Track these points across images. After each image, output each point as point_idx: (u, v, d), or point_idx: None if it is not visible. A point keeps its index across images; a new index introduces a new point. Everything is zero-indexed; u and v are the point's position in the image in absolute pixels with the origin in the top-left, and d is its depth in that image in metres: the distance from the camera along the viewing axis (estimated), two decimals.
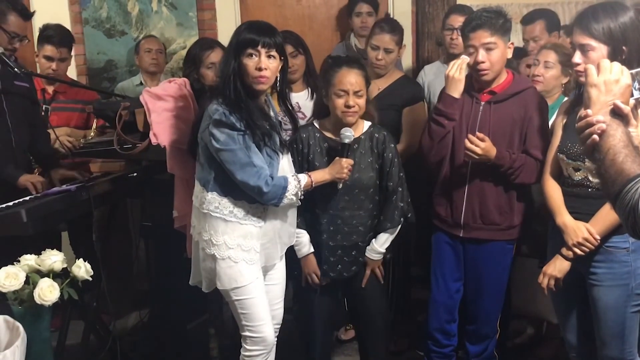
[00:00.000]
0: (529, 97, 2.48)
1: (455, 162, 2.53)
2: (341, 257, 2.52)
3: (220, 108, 2.16)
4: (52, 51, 3.33)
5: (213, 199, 2.23)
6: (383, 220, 2.54)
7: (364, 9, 3.79)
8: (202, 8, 4.19)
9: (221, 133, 2.15)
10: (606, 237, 2.10)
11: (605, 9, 2.01)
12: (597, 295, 2.14)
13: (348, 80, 2.39)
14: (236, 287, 2.26)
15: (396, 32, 3.04)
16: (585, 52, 2.02)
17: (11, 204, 2.42)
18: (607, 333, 2.14)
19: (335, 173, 2.37)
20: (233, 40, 2.21)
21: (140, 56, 3.86)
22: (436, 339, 2.73)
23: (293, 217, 2.42)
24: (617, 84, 1.40)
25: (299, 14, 4.31)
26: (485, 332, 2.69)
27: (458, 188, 2.54)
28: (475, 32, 2.39)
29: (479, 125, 2.47)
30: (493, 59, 2.40)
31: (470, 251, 2.61)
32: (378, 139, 2.51)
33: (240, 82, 2.18)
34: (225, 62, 2.21)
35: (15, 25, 2.73)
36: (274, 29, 2.23)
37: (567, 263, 2.17)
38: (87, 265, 2.00)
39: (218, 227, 2.23)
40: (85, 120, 3.43)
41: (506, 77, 2.50)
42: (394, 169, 2.51)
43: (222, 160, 2.17)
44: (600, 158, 1.35)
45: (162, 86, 2.70)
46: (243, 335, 2.33)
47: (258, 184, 2.15)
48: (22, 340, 1.67)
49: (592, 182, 2.10)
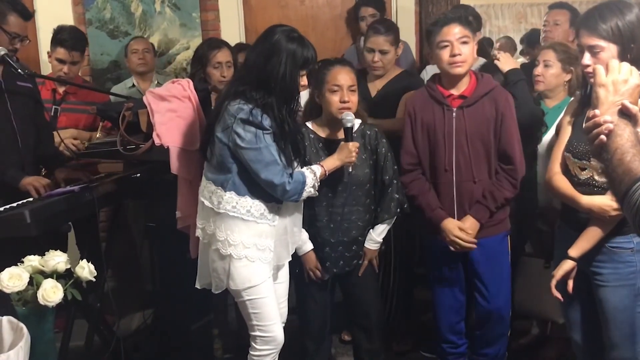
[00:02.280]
0: (497, 95, 2.51)
1: (439, 171, 2.55)
2: (342, 253, 2.55)
3: (246, 107, 2.17)
4: (64, 54, 3.34)
5: (231, 199, 2.24)
6: (380, 212, 2.58)
7: (369, 12, 3.85)
8: (205, 9, 4.19)
9: (247, 132, 2.16)
10: (610, 237, 2.08)
11: (610, 8, 1.98)
12: (604, 296, 2.13)
13: (342, 76, 2.44)
14: (250, 286, 2.27)
15: (390, 33, 3.05)
16: (594, 53, 1.99)
17: (15, 205, 2.42)
18: (617, 335, 2.12)
19: (345, 158, 2.40)
20: (299, 53, 2.20)
21: (128, 58, 3.89)
22: (450, 340, 2.73)
23: (300, 216, 2.44)
24: (626, 84, 1.40)
25: (302, 15, 4.31)
26: (499, 331, 2.68)
27: (446, 195, 2.56)
28: (448, 25, 2.43)
29: (455, 131, 2.49)
30: (467, 53, 2.44)
31: (467, 252, 2.59)
32: (370, 136, 2.56)
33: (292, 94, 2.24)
34: (283, 70, 2.17)
35: (15, 25, 2.73)
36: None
37: (569, 263, 2.14)
38: (90, 266, 2.00)
39: (235, 226, 2.24)
40: (93, 121, 3.44)
41: (471, 79, 2.53)
42: (388, 163, 2.56)
43: (247, 159, 2.19)
44: (608, 158, 1.34)
45: (165, 87, 2.70)
46: (253, 335, 2.34)
47: (282, 181, 2.19)
48: (25, 341, 1.67)
49: (598, 182, 2.09)
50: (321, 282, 2.59)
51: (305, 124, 2.57)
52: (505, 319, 2.68)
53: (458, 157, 2.50)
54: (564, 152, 2.21)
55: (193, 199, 2.54)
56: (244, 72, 2.30)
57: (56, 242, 2.46)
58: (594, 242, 2.10)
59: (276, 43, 2.19)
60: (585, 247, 2.11)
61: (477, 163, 2.50)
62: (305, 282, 2.60)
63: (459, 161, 2.50)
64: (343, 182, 2.49)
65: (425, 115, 2.56)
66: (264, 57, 2.20)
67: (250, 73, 2.23)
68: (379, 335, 2.74)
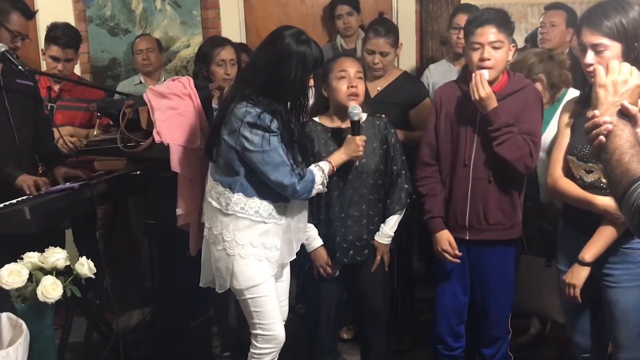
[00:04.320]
0: (526, 94, 2.48)
1: (457, 165, 2.52)
2: (353, 243, 2.55)
3: (253, 110, 2.17)
4: (58, 52, 3.32)
5: (239, 200, 2.24)
6: (390, 203, 2.59)
7: (345, 10, 3.90)
8: (205, 7, 4.18)
9: (254, 135, 2.16)
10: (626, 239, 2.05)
11: (614, 6, 1.96)
12: (614, 297, 2.10)
13: (348, 64, 2.47)
14: (252, 285, 2.28)
15: (390, 34, 3.06)
16: (598, 52, 1.96)
17: (15, 201, 2.42)
18: (627, 336, 2.10)
19: (352, 152, 2.40)
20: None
21: (134, 58, 3.91)
22: (446, 342, 2.71)
23: (305, 213, 2.44)
24: (626, 84, 1.40)
25: (303, 13, 4.30)
26: (496, 333, 2.66)
27: (461, 190, 2.53)
28: (483, 27, 2.36)
29: (479, 126, 2.46)
30: (498, 57, 2.39)
31: (475, 253, 2.59)
32: (379, 125, 2.57)
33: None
34: (294, 75, 2.17)
35: (17, 24, 2.73)
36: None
37: (585, 269, 2.12)
38: (90, 263, 2.00)
39: (243, 227, 2.25)
40: (90, 119, 3.42)
41: (502, 77, 2.49)
42: (397, 153, 2.58)
43: (256, 161, 2.19)
44: (607, 158, 1.34)
45: (165, 84, 2.70)
46: (254, 333, 2.34)
47: (292, 181, 2.20)
48: (24, 337, 1.67)
49: (605, 184, 2.03)
50: (330, 278, 2.58)
51: (311, 119, 2.56)
52: (504, 323, 2.65)
53: (478, 152, 2.47)
54: (567, 155, 2.18)
55: (193, 197, 2.55)
56: (250, 74, 2.25)
57: (54, 239, 2.47)
58: (609, 244, 2.06)
59: (286, 47, 2.17)
60: (600, 251, 2.08)
61: (496, 161, 2.44)
62: (314, 279, 2.60)
63: (478, 157, 2.47)
64: (354, 171, 2.49)
65: (451, 108, 2.53)
66: (274, 63, 2.18)
67: (258, 77, 2.21)
68: (385, 334, 2.74)
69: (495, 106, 2.36)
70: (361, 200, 2.53)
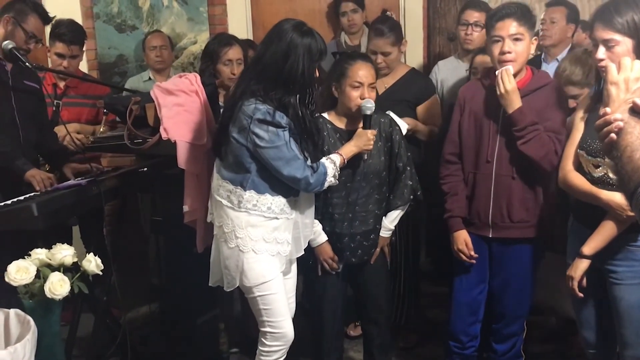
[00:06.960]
0: (549, 92, 2.45)
1: (480, 161, 2.50)
2: (361, 242, 2.55)
3: (262, 107, 2.16)
4: (63, 49, 3.32)
5: (251, 197, 2.24)
6: (393, 198, 2.59)
7: (349, 7, 3.87)
8: (212, 3, 4.18)
9: (265, 131, 2.16)
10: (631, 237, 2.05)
11: (626, 2, 1.96)
12: (618, 294, 2.11)
13: (364, 73, 2.44)
14: (262, 282, 2.28)
15: (390, 34, 3.04)
16: (609, 47, 1.98)
17: (22, 198, 2.43)
18: (632, 333, 2.10)
19: (362, 145, 2.41)
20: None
21: (146, 54, 3.89)
22: (460, 340, 2.69)
23: (312, 208, 2.45)
24: (638, 81, 1.38)
25: (309, 9, 4.29)
26: (512, 330, 2.64)
27: (484, 187, 2.51)
28: (503, 20, 2.35)
29: (502, 122, 2.44)
30: (519, 50, 2.36)
31: (497, 251, 2.56)
32: (384, 123, 2.58)
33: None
34: (302, 67, 2.18)
35: (34, 26, 2.76)
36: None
37: (584, 262, 2.14)
38: (97, 259, 2.00)
39: (255, 224, 2.25)
40: (96, 115, 3.43)
41: (526, 73, 2.47)
42: (402, 150, 2.58)
43: (267, 157, 2.19)
44: (618, 155, 1.33)
45: (172, 81, 2.70)
46: (263, 331, 2.34)
47: (305, 175, 2.21)
48: (32, 333, 1.67)
49: (612, 179, 2.05)
50: (335, 273, 2.58)
51: (321, 115, 2.56)
52: (520, 319, 2.64)
53: (501, 149, 2.45)
54: (577, 150, 2.19)
55: (200, 193, 2.54)
56: (257, 70, 2.23)
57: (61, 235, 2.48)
58: (608, 240, 2.07)
59: (291, 41, 2.17)
60: (599, 245, 2.09)
61: (519, 158, 2.42)
62: (318, 274, 2.59)
63: (501, 153, 2.45)
64: (360, 171, 2.49)
65: (475, 105, 2.52)
66: (281, 57, 2.17)
67: (265, 72, 2.20)
68: (389, 329, 2.74)
69: (519, 106, 2.35)
70: (368, 200, 2.53)
